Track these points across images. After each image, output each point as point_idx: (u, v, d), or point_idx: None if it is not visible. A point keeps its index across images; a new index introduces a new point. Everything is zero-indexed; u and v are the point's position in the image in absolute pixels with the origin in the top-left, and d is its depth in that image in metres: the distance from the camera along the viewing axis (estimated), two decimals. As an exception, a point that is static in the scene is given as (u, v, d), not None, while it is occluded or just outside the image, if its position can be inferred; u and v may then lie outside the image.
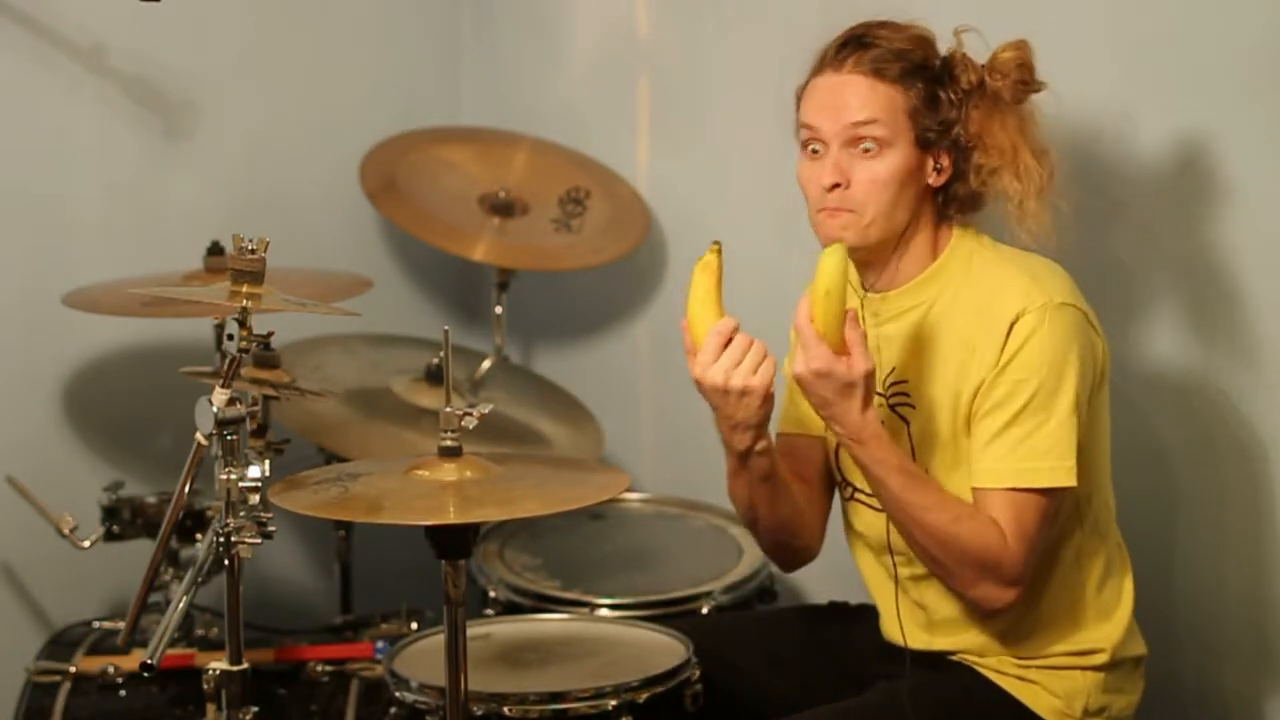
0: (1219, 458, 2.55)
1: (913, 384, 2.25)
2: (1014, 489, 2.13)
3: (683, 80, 3.33)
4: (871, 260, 2.27)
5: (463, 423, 2.07)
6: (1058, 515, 2.18)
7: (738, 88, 3.18)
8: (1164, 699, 2.47)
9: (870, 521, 2.32)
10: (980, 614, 2.22)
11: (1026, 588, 2.16)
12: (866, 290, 2.30)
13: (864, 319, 2.29)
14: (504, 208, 3.32)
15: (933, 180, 2.25)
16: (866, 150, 2.20)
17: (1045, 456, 2.12)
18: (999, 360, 2.14)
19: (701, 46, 3.28)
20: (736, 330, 2.18)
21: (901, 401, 2.26)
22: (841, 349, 2.10)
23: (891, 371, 2.28)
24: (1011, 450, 2.13)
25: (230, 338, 2.02)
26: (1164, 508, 2.61)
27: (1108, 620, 2.27)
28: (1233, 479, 2.54)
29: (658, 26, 3.36)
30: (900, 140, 2.21)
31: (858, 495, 2.34)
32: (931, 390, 2.23)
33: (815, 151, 2.24)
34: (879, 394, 2.28)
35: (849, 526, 2.40)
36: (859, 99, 2.21)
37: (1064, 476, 2.13)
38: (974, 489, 2.16)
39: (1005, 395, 2.14)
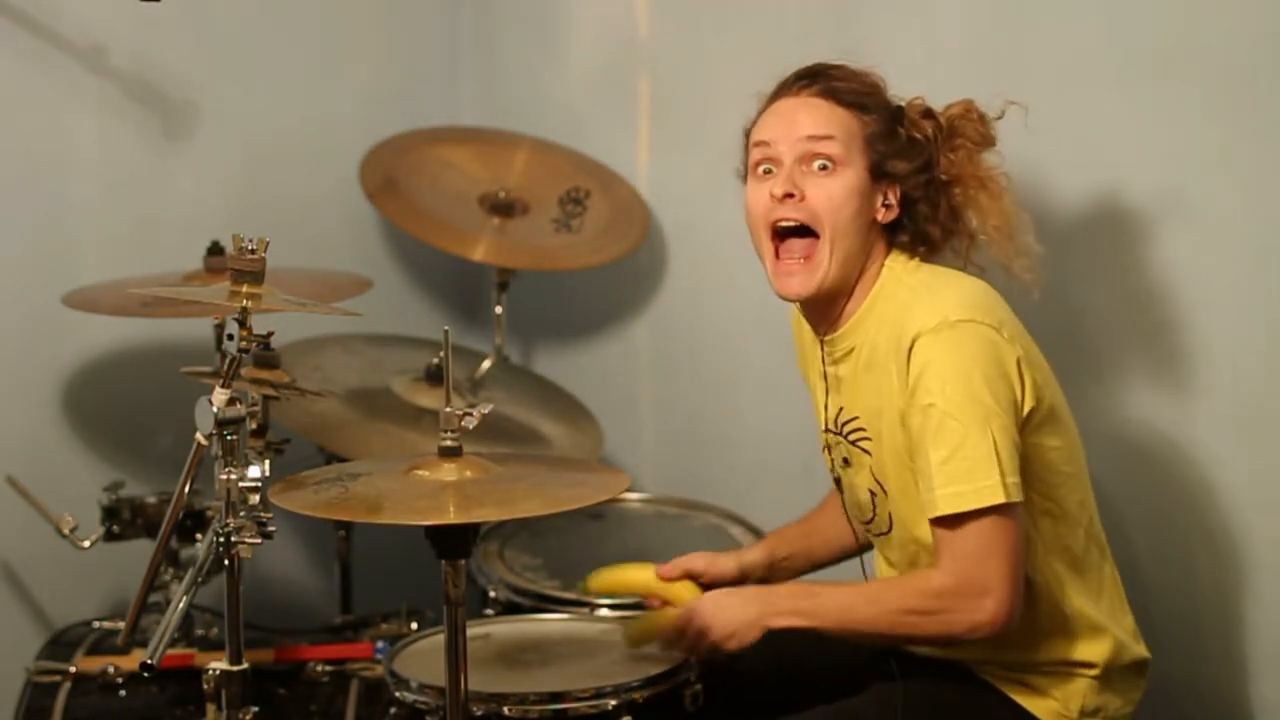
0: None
1: (864, 419, 2.26)
2: (948, 515, 2.10)
3: (683, 80, 3.33)
4: (826, 307, 2.26)
5: (463, 423, 2.07)
6: (1017, 525, 2.12)
7: (738, 88, 3.17)
8: (1159, 698, 2.47)
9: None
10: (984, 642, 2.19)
11: (1019, 603, 2.13)
12: (820, 336, 2.31)
13: (822, 360, 2.31)
14: (504, 208, 3.32)
15: (880, 215, 2.24)
16: (822, 168, 2.20)
17: (967, 478, 2.09)
18: (907, 386, 2.13)
19: (701, 46, 3.28)
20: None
21: (861, 437, 2.27)
22: (669, 628, 2.26)
23: (841, 410, 2.29)
24: (935, 479, 2.11)
25: (230, 338, 2.01)
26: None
27: (1099, 637, 2.26)
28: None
29: (658, 26, 3.36)
30: (855, 164, 2.21)
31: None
32: (877, 422, 2.23)
33: (767, 171, 2.24)
34: (833, 433, 2.30)
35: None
36: (817, 116, 2.22)
37: (990, 495, 2.08)
38: (928, 520, 2.14)
39: (919, 424, 2.12)
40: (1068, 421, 2.25)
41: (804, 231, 2.21)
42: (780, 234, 2.23)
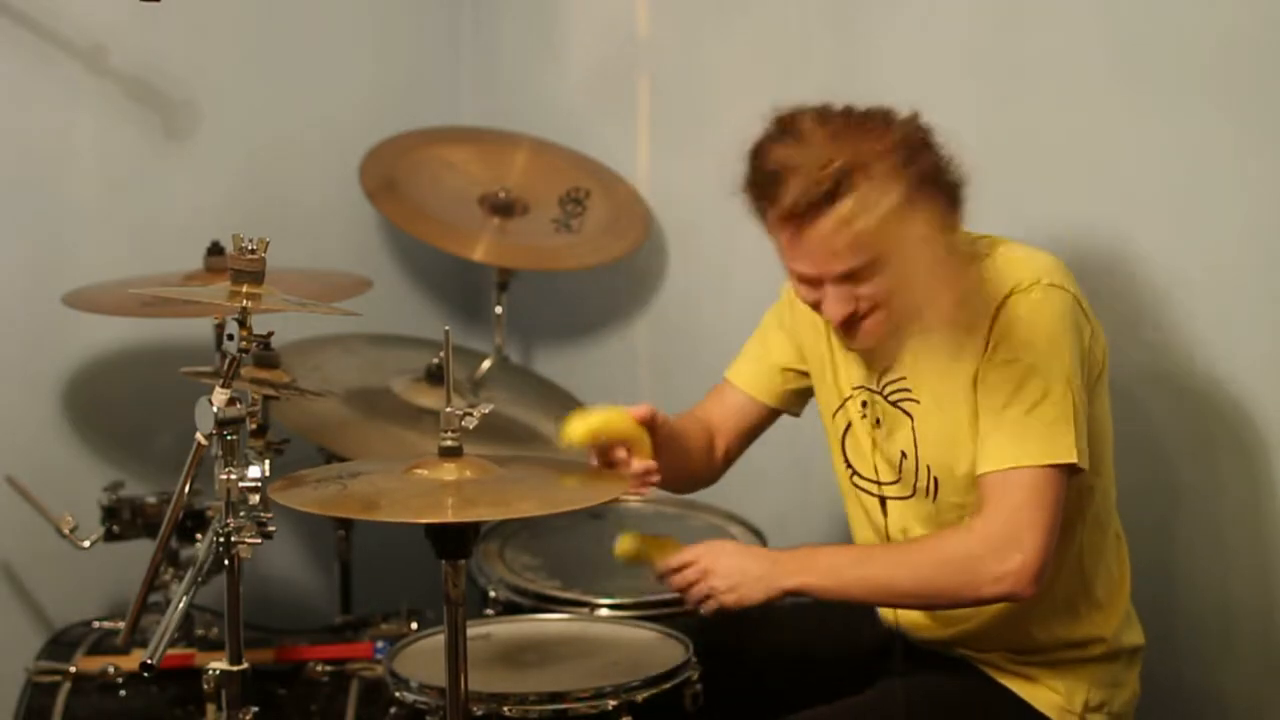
0: (1217, 454, 2.56)
1: (912, 379, 2.25)
2: (1015, 468, 2.10)
3: (683, 80, 3.33)
4: None
5: (463, 423, 2.07)
6: (1063, 493, 2.12)
7: (738, 87, 3.18)
8: (1164, 697, 2.47)
9: (870, 506, 2.34)
10: (1018, 607, 2.19)
11: (1047, 569, 2.11)
12: None
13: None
14: (504, 208, 3.32)
15: None
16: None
17: (1045, 434, 2.10)
18: (987, 343, 2.13)
19: (701, 46, 3.28)
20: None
21: (904, 397, 2.26)
22: (670, 558, 2.26)
23: (888, 369, 2.27)
24: (1010, 432, 2.11)
25: (230, 338, 2.01)
26: (1164, 505, 2.61)
27: (1105, 610, 2.28)
28: (1231, 475, 2.55)
29: (658, 26, 3.37)
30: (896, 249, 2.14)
31: (856, 479, 2.35)
32: (931, 381, 2.22)
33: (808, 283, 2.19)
34: (874, 391, 2.29)
35: (849, 510, 2.40)
36: (841, 257, 2.12)
37: (1065, 453, 2.10)
38: (978, 476, 2.14)
39: (998, 379, 2.12)
40: (1104, 389, 2.26)
41: None
42: None
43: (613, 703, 2.22)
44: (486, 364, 3.27)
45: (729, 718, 2.35)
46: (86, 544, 2.81)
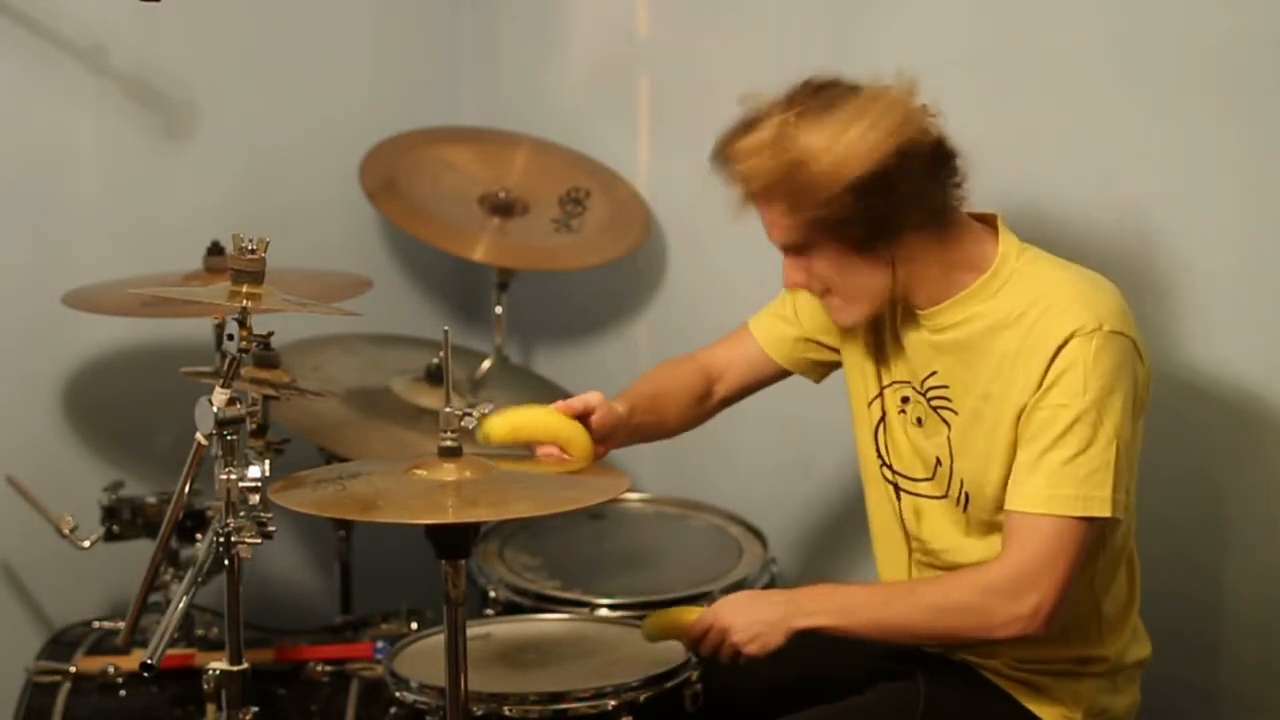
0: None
1: (955, 390, 2.23)
2: (1046, 515, 2.09)
3: (683, 80, 3.32)
4: (903, 294, 2.22)
5: (462, 423, 2.07)
6: (1089, 542, 2.12)
7: (737, 88, 3.17)
8: (1170, 700, 2.47)
9: (895, 498, 2.33)
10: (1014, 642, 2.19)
11: (1061, 612, 2.12)
12: (918, 309, 2.24)
13: (915, 329, 2.26)
14: (504, 208, 3.32)
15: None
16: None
17: (1082, 485, 2.08)
18: (1041, 382, 2.11)
19: (701, 46, 3.28)
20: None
21: (943, 405, 2.25)
22: (692, 627, 2.25)
23: (933, 374, 2.25)
24: (1048, 477, 2.10)
25: (230, 338, 2.01)
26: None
27: (1114, 630, 2.27)
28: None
29: (658, 26, 3.36)
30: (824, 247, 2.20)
31: (886, 470, 2.34)
32: (972, 400, 2.20)
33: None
34: (915, 390, 2.28)
35: (871, 499, 2.40)
36: (776, 228, 2.24)
37: (1099, 507, 2.09)
38: (1006, 511, 2.14)
39: (1046, 420, 2.10)
40: (1141, 424, 2.23)
41: None
42: None
43: (613, 703, 2.22)
44: (486, 364, 3.27)
45: (729, 718, 2.35)
46: (86, 544, 2.81)
